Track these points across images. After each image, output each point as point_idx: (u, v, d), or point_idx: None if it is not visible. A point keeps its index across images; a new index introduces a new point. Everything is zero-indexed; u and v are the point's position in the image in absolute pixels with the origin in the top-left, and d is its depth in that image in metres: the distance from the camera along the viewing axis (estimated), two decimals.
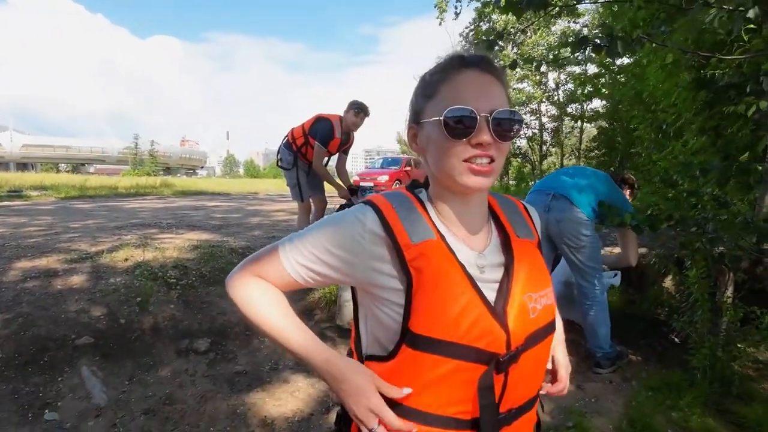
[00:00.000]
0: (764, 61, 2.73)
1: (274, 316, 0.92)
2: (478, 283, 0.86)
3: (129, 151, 45.47)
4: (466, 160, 0.83)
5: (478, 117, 0.81)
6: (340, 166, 4.92)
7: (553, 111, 17.87)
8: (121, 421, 2.62)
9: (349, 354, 1.01)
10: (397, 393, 0.86)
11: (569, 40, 2.62)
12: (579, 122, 16.71)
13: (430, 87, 0.88)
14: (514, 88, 17.87)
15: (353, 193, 4.65)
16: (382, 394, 0.86)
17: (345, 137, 4.54)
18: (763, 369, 3.32)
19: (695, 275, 2.95)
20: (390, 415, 0.85)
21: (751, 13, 2.24)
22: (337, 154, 4.72)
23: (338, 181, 4.99)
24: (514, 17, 2.76)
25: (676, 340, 3.55)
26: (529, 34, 16.05)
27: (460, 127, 0.82)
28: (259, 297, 0.93)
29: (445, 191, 0.90)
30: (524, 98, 17.57)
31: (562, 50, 12.24)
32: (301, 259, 0.91)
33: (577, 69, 15.20)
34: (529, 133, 18.99)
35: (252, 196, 13.52)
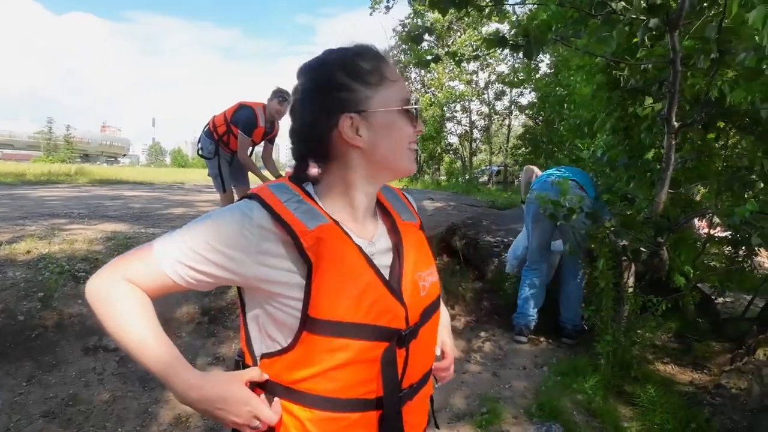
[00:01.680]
0: (665, 67, 2.94)
1: (133, 326, 0.84)
2: (375, 265, 0.88)
3: (41, 135, 42.10)
4: (409, 144, 0.90)
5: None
6: (267, 156, 4.80)
7: (483, 109, 18.46)
8: (15, 425, 2.43)
9: (240, 355, 0.97)
10: (259, 378, 0.88)
11: (489, 39, 2.70)
12: (507, 120, 17.37)
13: (371, 74, 0.87)
14: (446, 86, 18.27)
15: None
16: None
17: (269, 126, 4.43)
18: (659, 353, 3.61)
19: (602, 266, 3.15)
20: (267, 413, 0.85)
21: (652, 23, 2.41)
22: (263, 143, 4.60)
23: (265, 172, 4.88)
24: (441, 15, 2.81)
25: (584, 327, 3.78)
26: (459, 34, 16.45)
27: (414, 114, 0.89)
28: (120, 301, 0.84)
29: (365, 180, 0.91)
30: (455, 96, 17.99)
31: (482, 48, 12.76)
32: (182, 257, 0.84)
33: (505, 69, 15.79)
34: (461, 130, 19.49)
35: (177, 186, 12.89)
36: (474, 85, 18.01)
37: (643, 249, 3.19)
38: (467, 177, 16.63)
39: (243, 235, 0.83)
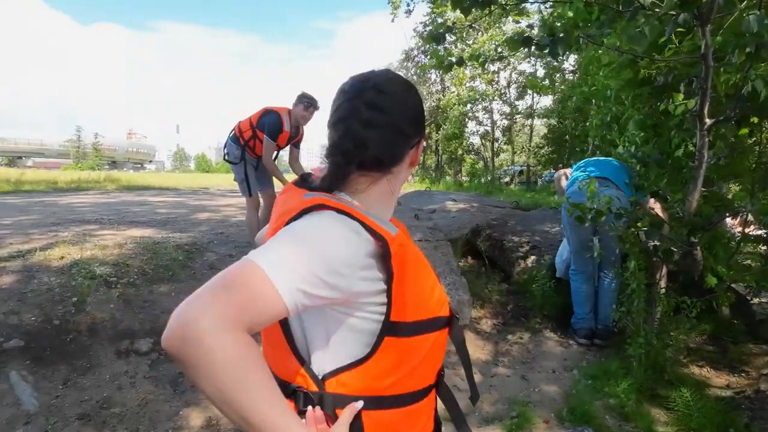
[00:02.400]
0: (695, 62, 2.87)
1: (269, 407, 0.68)
2: None
3: (71, 143, 43.24)
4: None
5: None
6: (293, 161, 4.83)
7: (505, 109, 18.29)
8: (53, 428, 2.49)
9: (297, 391, 0.87)
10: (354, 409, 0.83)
11: (512, 39, 2.67)
12: (529, 120, 17.18)
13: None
14: (466, 86, 18.16)
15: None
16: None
17: (294, 131, 4.46)
18: (693, 355, 3.52)
19: (632, 267, 3.08)
20: None
21: (680, 18, 2.35)
22: (288, 147, 4.63)
23: (288, 177, 4.91)
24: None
25: (614, 329, 3.71)
26: (480, 33, 16.33)
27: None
28: (243, 362, 0.66)
29: (383, 199, 0.96)
30: (477, 96, 17.86)
31: (505, 48, 12.62)
32: (302, 285, 0.73)
33: (528, 68, 15.60)
34: (482, 130, 19.34)
35: (202, 192, 13.11)
36: (496, 84, 17.85)
37: (674, 249, 3.11)
38: (489, 178, 16.51)
39: (356, 253, 0.79)
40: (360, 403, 0.83)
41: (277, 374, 0.86)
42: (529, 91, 16.62)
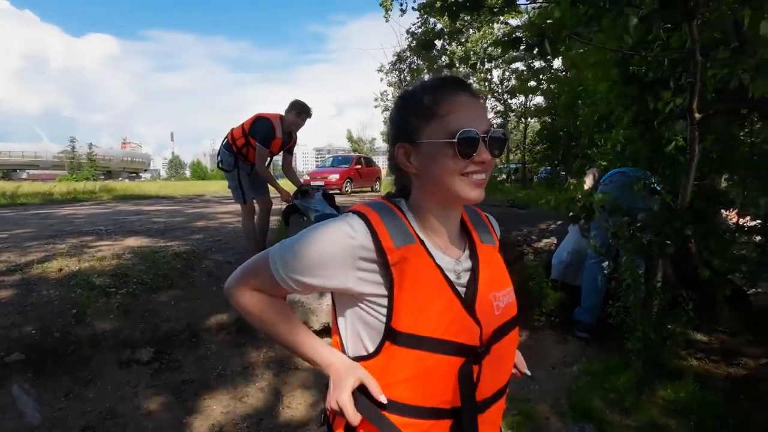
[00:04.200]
0: (682, 58, 2.90)
1: (281, 329, 1.01)
2: (455, 285, 0.94)
3: (65, 155, 43.05)
4: (464, 174, 0.92)
5: (480, 138, 0.90)
6: (287, 166, 4.84)
7: (499, 107, 18.31)
8: None
9: None
10: (379, 397, 0.91)
11: (502, 40, 2.69)
12: (523, 118, 17.19)
13: (424, 108, 0.93)
14: None
15: (304, 193, 4.56)
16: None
17: (287, 137, 4.47)
18: (691, 348, 3.54)
19: (627, 262, 3.11)
20: (350, 411, 0.91)
21: (667, 15, 2.37)
22: (281, 154, 4.65)
23: (282, 183, 4.93)
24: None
25: (591, 323, 3.78)
26: (472, 32, 16.37)
27: (468, 148, 0.90)
28: (263, 311, 1.00)
29: (433, 205, 0.97)
30: None
31: (495, 49, 12.67)
32: (294, 274, 0.94)
33: (521, 66, 15.62)
34: None
35: (198, 199, 13.11)
36: (488, 83, 17.88)
37: (669, 243, 3.14)
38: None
39: (345, 254, 0.91)
40: (383, 400, 0.91)
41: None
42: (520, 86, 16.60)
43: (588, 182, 4.06)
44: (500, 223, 1.17)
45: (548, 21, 2.91)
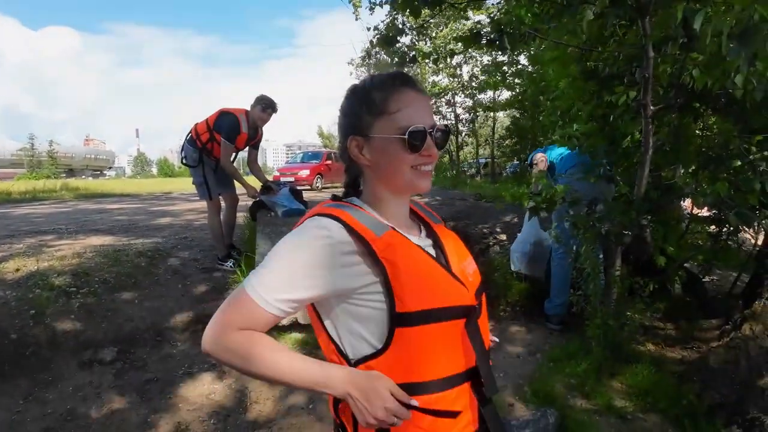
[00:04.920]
0: (638, 53, 2.99)
1: (278, 364, 0.91)
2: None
3: (24, 152, 41.39)
4: (414, 167, 0.99)
5: (427, 133, 0.97)
6: (252, 161, 4.80)
7: (468, 102, 18.47)
8: None
9: None
10: (410, 401, 0.92)
11: (464, 36, 2.73)
12: (492, 112, 17.39)
13: (375, 104, 0.99)
14: (429, 82, 18.28)
15: (268, 190, 4.52)
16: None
17: (253, 132, 4.42)
18: (648, 333, 3.68)
19: (586, 252, 3.20)
20: (404, 412, 0.91)
21: (619, 12, 2.45)
22: (247, 149, 4.60)
23: (249, 178, 4.89)
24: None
25: (561, 313, 3.88)
26: (441, 28, 16.44)
27: (417, 142, 0.96)
28: (253, 349, 0.90)
29: (387, 194, 1.03)
30: (439, 90, 17.99)
31: (457, 44, 12.78)
32: (279, 294, 0.90)
33: (488, 59, 15.77)
34: (446, 123, 19.49)
35: (164, 197, 12.81)
36: (458, 78, 18.01)
37: (626, 232, 3.25)
38: (455, 171, 16.64)
39: (326, 254, 0.91)
40: (415, 403, 0.92)
41: (327, 359, 1.02)
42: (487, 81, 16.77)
43: (541, 165, 4.09)
44: (467, 216, 1.23)
45: (508, 17, 2.96)
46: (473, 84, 17.39)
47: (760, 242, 4.01)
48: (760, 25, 1.63)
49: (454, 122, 19.12)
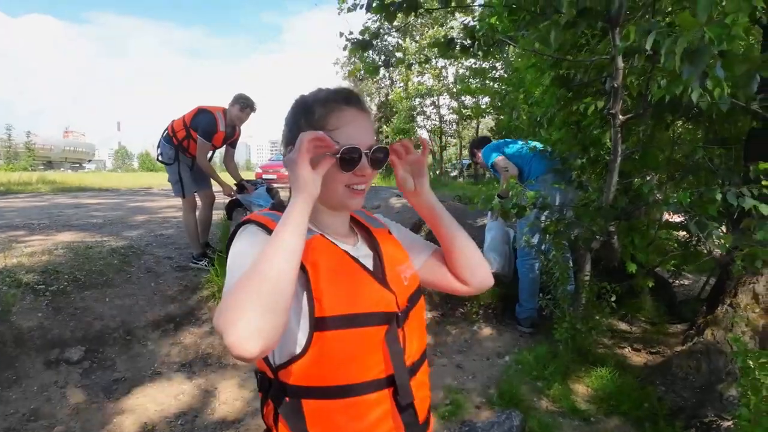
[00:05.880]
0: (607, 63, 3.05)
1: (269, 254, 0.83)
2: (362, 263, 1.02)
3: (1, 143, 40.46)
4: (346, 185, 1.00)
5: (362, 153, 0.97)
6: (228, 160, 4.77)
7: (453, 104, 18.56)
8: None
9: (258, 372, 1.03)
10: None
11: (439, 42, 2.76)
12: (475, 116, 17.49)
13: (316, 121, 1.00)
14: (415, 82, 18.34)
15: (242, 189, 4.50)
16: None
17: (230, 130, 4.40)
18: (615, 338, 3.76)
19: (556, 257, 3.25)
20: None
21: (587, 23, 2.50)
22: (224, 147, 4.57)
23: (225, 176, 4.86)
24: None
25: (532, 316, 3.95)
26: (426, 29, 16.49)
27: (350, 161, 0.97)
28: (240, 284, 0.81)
29: (321, 206, 1.03)
30: (424, 91, 18.06)
31: (432, 49, 12.84)
32: None
33: (471, 62, 15.86)
34: (430, 125, 19.59)
35: (144, 192, 12.66)
36: (443, 80, 18.09)
37: (596, 237, 3.31)
38: (438, 171, 16.71)
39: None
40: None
41: (258, 368, 1.02)
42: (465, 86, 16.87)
43: (512, 171, 4.07)
44: None
45: (481, 24, 2.99)
46: (457, 86, 17.50)
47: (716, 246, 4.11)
48: (709, 47, 1.69)
49: (438, 123, 19.22)
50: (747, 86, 1.91)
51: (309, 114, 1.01)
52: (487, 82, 12.24)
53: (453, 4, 2.86)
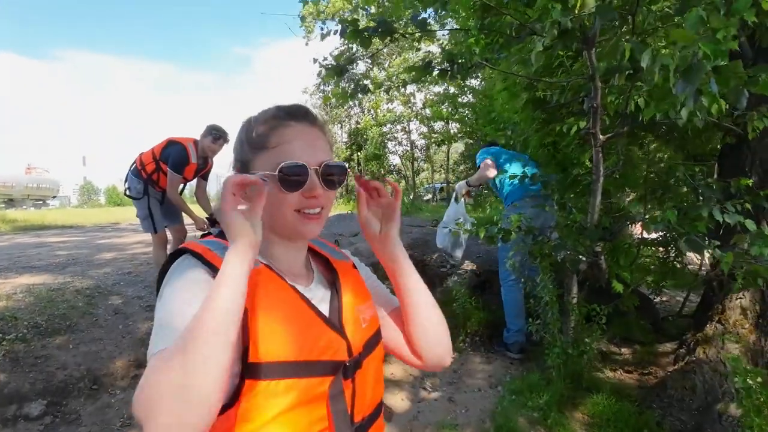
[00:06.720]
0: (584, 84, 3.06)
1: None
2: (313, 304, 0.88)
3: None
4: (297, 210, 0.88)
5: (310, 170, 0.86)
6: (200, 193, 4.60)
7: (423, 129, 18.79)
8: None
9: None
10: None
11: (415, 66, 2.73)
12: (445, 141, 17.74)
13: (257, 139, 0.90)
14: (383, 108, 18.52)
15: (214, 223, 4.32)
16: None
17: (202, 162, 4.25)
18: (607, 360, 3.69)
19: (543, 280, 3.18)
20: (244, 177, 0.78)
21: (565, 44, 2.49)
22: (195, 180, 4.42)
23: (196, 207, 4.69)
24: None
25: (519, 341, 3.87)
26: (394, 56, 16.74)
27: (294, 180, 0.85)
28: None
29: (272, 235, 0.92)
30: (394, 118, 18.24)
31: (409, 74, 13.04)
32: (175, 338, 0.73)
33: (439, 88, 16.13)
34: (401, 150, 19.75)
35: (111, 227, 12.23)
36: (412, 106, 18.32)
37: (582, 259, 3.26)
38: (411, 196, 16.75)
39: (190, 297, 0.76)
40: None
41: None
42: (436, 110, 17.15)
43: (490, 174, 4.03)
44: (424, 244, 1.13)
45: (459, 47, 2.97)
46: (426, 111, 17.73)
47: (706, 261, 4.13)
48: (704, 63, 1.67)
49: (409, 149, 19.37)
50: (736, 101, 1.90)
51: (249, 133, 0.91)
52: (458, 108, 12.43)
53: (429, 28, 2.83)
